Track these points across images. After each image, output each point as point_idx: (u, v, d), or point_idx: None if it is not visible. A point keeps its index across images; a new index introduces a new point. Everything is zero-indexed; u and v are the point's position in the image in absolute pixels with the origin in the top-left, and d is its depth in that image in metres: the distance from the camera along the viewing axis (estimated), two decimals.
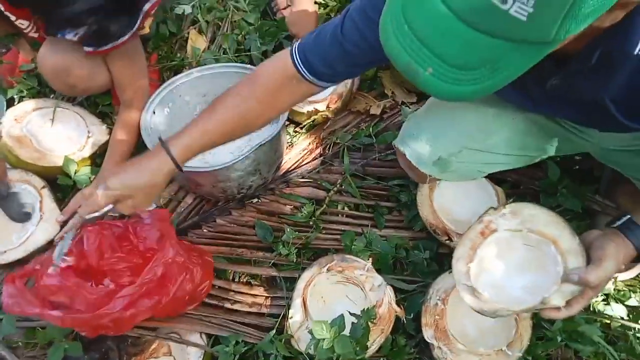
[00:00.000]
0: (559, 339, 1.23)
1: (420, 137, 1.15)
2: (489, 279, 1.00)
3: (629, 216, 0.91)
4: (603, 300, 1.31)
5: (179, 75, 1.50)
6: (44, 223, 1.40)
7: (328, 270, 1.31)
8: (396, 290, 1.28)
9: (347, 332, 1.16)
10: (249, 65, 1.53)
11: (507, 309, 0.94)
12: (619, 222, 0.91)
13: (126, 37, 1.25)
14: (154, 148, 1.05)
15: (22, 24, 1.42)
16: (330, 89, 1.64)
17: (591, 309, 1.29)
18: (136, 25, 1.26)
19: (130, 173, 1.03)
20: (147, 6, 1.27)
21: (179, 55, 1.73)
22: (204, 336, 1.26)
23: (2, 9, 1.35)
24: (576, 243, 0.92)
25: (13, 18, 1.40)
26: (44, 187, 1.44)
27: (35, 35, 1.45)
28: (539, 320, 1.24)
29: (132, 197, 1.03)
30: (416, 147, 1.16)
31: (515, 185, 1.47)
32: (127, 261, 1.16)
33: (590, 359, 1.21)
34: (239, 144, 1.55)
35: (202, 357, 1.23)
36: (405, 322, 1.25)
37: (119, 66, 1.34)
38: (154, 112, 1.44)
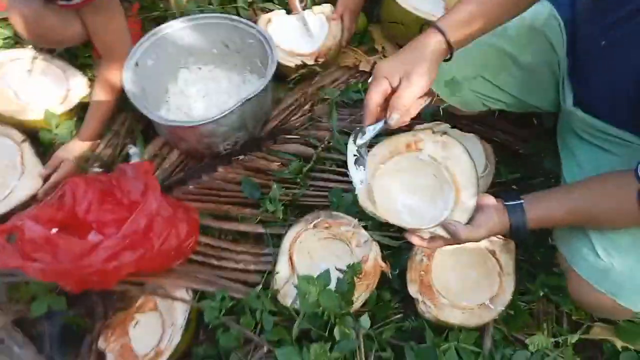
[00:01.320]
0: (540, 293, 1.26)
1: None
2: (385, 184, 1.05)
3: (522, 201, 0.96)
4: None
5: (162, 26, 1.44)
6: (26, 178, 1.37)
7: (315, 226, 1.30)
8: (382, 246, 1.28)
9: (332, 287, 1.17)
10: (236, 17, 1.48)
11: (383, 218, 1.00)
12: (511, 202, 0.97)
13: None
14: (422, 36, 0.92)
15: None
16: (320, 40, 1.59)
17: None
18: None
19: (402, 51, 0.92)
20: None
21: (161, 5, 1.66)
22: (190, 291, 1.26)
23: None
24: (472, 202, 0.99)
25: None
26: (24, 141, 1.40)
27: None
28: (521, 276, 1.26)
29: (407, 72, 0.89)
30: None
31: (502, 144, 1.47)
32: (113, 213, 1.15)
33: (571, 312, 1.23)
34: (224, 99, 1.51)
35: (188, 312, 1.23)
36: (391, 277, 1.26)
37: (94, 21, 1.28)
38: (137, 64, 1.39)
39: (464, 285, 1.26)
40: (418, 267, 1.24)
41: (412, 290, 1.22)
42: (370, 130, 0.94)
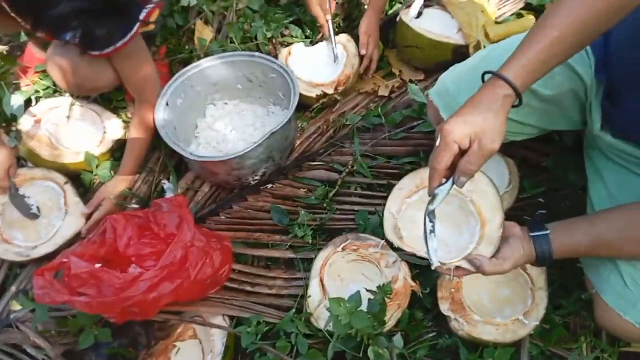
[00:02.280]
0: (574, 308, 1.24)
1: (458, 94, 1.13)
2: (411, 216, 1.09)
3: (548, 232, 0.98)
4: None
5: (188, 66, 1.53)
6: (70, 217, 1.45)
7: (343, 249, 1.34)
8: (411, 266, 1.30)
9: (364, 307, 1.19)
10: (257, 53, 1.55)
11: (410, 250, 1.05)
12: (537, 233, 0.99)
13: (126, 39, 1.27)
14: (486, 87, 0.86)
15: (26, 24, 1.45)
16: (339, 70, 1.65)
17: None
18: (134, 29, 1.28)
19: (467, 109, 0.87)
20: (143, 13, 1.29)
21: (187, 47, 1.76)
22: (226, 318, 1.31)
23: (8, 9, 1.39)
24: (497, 235, 1.01)
25: (19, 19, 1.44)
26: (66, 183, 1.49)
27: (43, 34, 1.49)
28: (554, 289, 1.25)
29: (478, 135, 0.85)
30: (451, 104, 1.14)
31: (524, 159, 1.48)
32: (151, 246, 1.21)
33: None
34: (250, 132, 1.58)
35: (225, 338, 1.27)
36: (421, 296, 1.27)
37: (124, 67, 1.37)
38: (167, 104, 1.47)
39: (496, 302, 1.26)
40: (448, 285, 1.25)
41: (444, 307, 1.23)
42: (441, 194, 0.91)
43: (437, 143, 0.87)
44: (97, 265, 1.16)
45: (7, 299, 1.41)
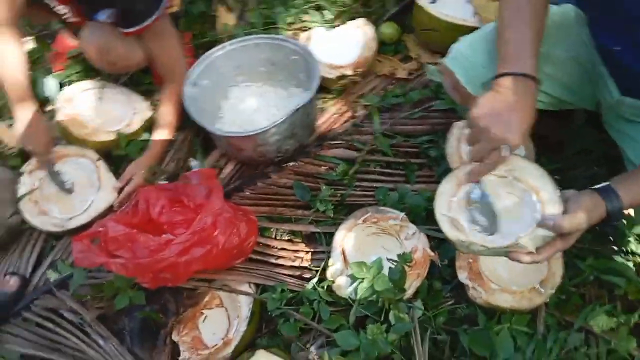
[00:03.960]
0: (591, 277, 1.27)
1: (474, 58, 1.16)
2: (467, 216, 1.01)
3: (608, 183, 0.95)
4: (636, 239, 1.34)
5: (214, 49, 1.59)
6: (102, 191, 1.53)
7: (364, 222, 1.39)
8: (430, 239, 1.34)
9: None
10: (280, 36, 1.61)
11: (480, 244, 0.96)
12: (598, 185, 0.95)
13: (154, 16, 1.35)
14: (508, 84, 0.93)
15: (60, 10, 1.54)
16: (358, 52, 1.70)
17: (624, 248, 1.33)
18: (161, 5, 1.35)
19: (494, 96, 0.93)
20: None
21: (210, 33, 1.83)
22: (252, 286, 1.36)
23: None
24: (557, 195, 0.96)
25: (52, 5, 1.52)
26: (99, 159, 1.57)
27: (75, 20, 1.57)
28: (570, 259, 1.28)
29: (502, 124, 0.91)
30: (467, 66, 1.17)
31: (540, 137, 1.50)
32: (182, 215, 1.27)
33: (626, 294, 1.23)
34: (273, 112, 1.63)
35: (251, 304, 1.33)
36: (440, 266, 1.31)
37: (154, 46, 1.45)
38: (194, 85, 1.54)
39: (512, 273, 1.29)
40: (466, 255, 1.29)
41: (462, 276, 1.27)
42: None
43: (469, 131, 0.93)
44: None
45: (45, 269, 1.49)
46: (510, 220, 1.00)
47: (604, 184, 0.97)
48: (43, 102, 1.70)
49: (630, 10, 0.89)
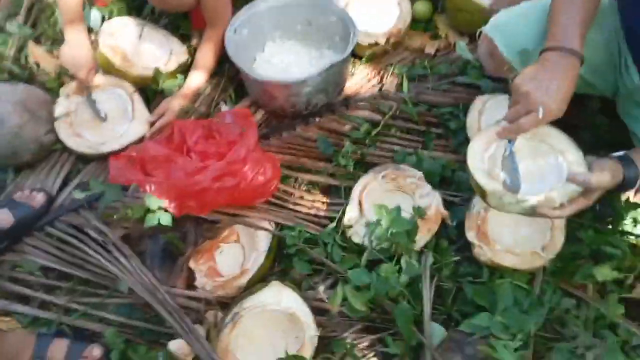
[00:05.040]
0: (586, 252, 1.36)
1: (513, 27, 1.24)
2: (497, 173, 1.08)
3: (625, 152, 1.04)
4: (632, 222, 1.44)
5: (258, 0, 1.66)
6: (135, 122, 1.59)
7: (383, 177, 1.47)
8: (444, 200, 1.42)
9: None
10: None
11: (513, 195, 1.03)
12: (615, 154, 1.04)
13: None
14: (554, 58, 1.01)
15: None
16: (392, 23, 1.78)
17: (620, 228, 1.42)
18: None
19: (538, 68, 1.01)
20: None
21: None
22: (272, 224, 1.44)
23: None
24: (581, 156, 1.05)
25: None
26: (134, 92, 1.63)
27: None
28: (571, 231, 1.37)
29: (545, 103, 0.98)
30: (507, 34, 1.25)
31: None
32: (216, 147, 1.34)
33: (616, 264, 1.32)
34: (307, 67, 1.70)
35: (270, 240, 1.40)
36: (450, 223, 1.39)
37: None
38: (235, 31, 1.60)
39: (516, 237, 1.38)
40: (476, 217, 1.37)
41: (470, 235, 1.35)
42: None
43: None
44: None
45: (72, 188, 1.55)
46: (530, 182, 1.07)
47: (621, 152, 1.05)
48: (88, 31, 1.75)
49: None
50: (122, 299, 1.37)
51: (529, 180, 1.08)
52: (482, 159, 1.10)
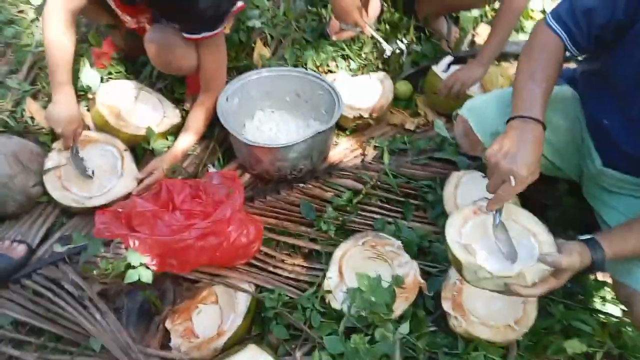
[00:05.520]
0: (558, 328, 1.39)
1: (486, 110, 1.35)
2: (482, 245, 1.13)
3: (592, 236, 1.10)
4: (600, 301, 1.49)
5: (250, 72, 1.77)
6: (124, 178, 1.63)
7: (363, 244, 1.51)
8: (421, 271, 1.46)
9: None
10: (310, 72, 1.80)
11: (488, 270, 1.06)
12: (583, 237, 1.10)
13: (218, 29, 1.53)
14: (518, 125, 1.09)
15: (125, 17, 1.71)
16: (375, 99, 1.90)
17: (589, 305, 1.47)
18: (225, 22, 1.54)
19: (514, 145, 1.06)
20: (234, 8, 1.57)
21: (245, 59, 2.02)
22: (251, 286, 1.45)
23: (112, 5, 1.65)
24: (551, 239, 1.11)
25: (119, 12, 1.69)
26: (125, 150, 1.68)
27: (134, 26, 1.74)
28: (543, 307, 1.41)
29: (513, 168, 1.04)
30: (480, 116, 1.35)
31: (524, 198, 1.68)
32: (202, 207, 1.37)
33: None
34: (293, 137, 1.79)
35: (248, 303, 1.40)
36: (427, 293, 1.43)
37: (208, 54, 1.61)
38: (227, 99, 1.70)
39: (490, 310, 1.41)
40: (452, 288, 1.41)
41: (446, 306, 1.38)
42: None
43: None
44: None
45: (52, 242, 1.55)
46: (503, 260, 1.12)
47: (588, 235, 1.11)
48: (84, 90, 1.83)
49: (617, 86, 1.10)
50: (93, 358, 1.33)
51: (502, 257, 1.13)
52: (459, 234, 1.16)
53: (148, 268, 1.34)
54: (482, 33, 2.30)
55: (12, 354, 1.34)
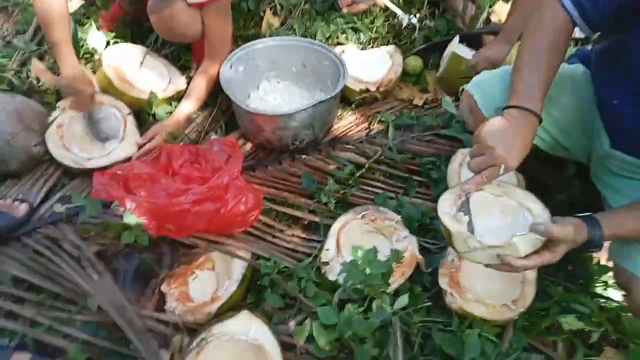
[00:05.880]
0: (556, 310, 1.37)
1: (492, 87, 1.32)
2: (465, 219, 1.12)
3: (591, 214, 1.07)
4: (602, 285, 1.46)
5: (256, 41, 1.74)
6: (125, 142, 1.63)
7: (362, 217, 1.49)
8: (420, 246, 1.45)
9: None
10: (316, 41, 1.77)
11: (477, 240, 1.05)
12: (581, 214, 1.07)
13: None
14: (517, 115, 1.07)
15: None
16: (383, 72, 1.86)
17: (590, 289, 1.45)
18: None
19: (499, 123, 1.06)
20: None
21: (254, 28, 1.98)
22: (249, 253, 1.44)
23: None
24: (547, 213, 1.08)
25: None
26: (128, 114, 1.68)
27: None
28: (542, 288, 1.39)
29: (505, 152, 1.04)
30: (486, 93, 1.33)
31: (530, 180, 1.65)
32: (200, 172, 1.36)
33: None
34: (297, 107, 1.76)
35: (244, 270, 1.40)
36: (424, 270, 1.41)
37: (212, 20, 1.58)
38: (231, 67, 1.67)
39: (488, 290, 1.39)
40: (450, 265, 1.39)
41: (442, 282, 1.37)
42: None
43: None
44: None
45: (53, 202, 1.55)
46: (498, 235, 1.09)
47: (587, 214, 1.08)
48: (90, 52, 1.82)
49: (631, 67, 1.05)
50: (89, 317, 1.34)
51: (497, 233, 1.10)
52: (451, 207, 1.14)
53: (144, 231, 1.34)
54: (499, 10, 2.23)
55: (11, 309, 1.36)
